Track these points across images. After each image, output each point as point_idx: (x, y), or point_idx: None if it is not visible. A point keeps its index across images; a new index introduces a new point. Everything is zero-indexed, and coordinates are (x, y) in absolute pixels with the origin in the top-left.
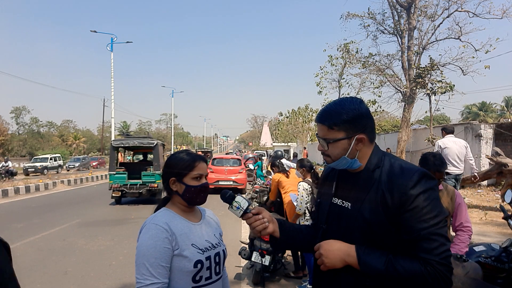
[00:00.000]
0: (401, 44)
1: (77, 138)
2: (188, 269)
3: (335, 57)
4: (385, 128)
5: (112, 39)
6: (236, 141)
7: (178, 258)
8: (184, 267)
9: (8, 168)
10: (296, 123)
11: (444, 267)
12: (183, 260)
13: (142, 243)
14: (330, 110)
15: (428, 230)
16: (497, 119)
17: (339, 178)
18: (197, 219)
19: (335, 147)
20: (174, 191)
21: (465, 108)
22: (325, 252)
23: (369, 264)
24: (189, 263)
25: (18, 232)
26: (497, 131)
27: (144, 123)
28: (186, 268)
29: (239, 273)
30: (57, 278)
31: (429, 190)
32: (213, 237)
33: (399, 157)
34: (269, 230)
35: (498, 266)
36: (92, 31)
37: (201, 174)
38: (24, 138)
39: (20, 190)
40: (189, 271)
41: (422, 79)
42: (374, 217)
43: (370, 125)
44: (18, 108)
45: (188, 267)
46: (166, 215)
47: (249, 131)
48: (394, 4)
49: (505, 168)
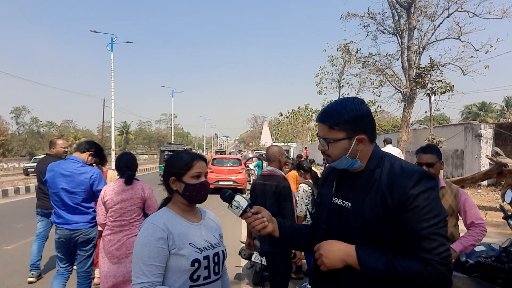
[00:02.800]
0: (401, 44)
1: (77, 138)
2: (185, 267)
3: (335, 57)
4: (385, 128)
5: (112, 39)
6: (236, 141)
7: (175, 257)
8: (181, 265)
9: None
10: (296, 123)
11: (444, 267)
12: (180, 258)
13: (138, 241)
14: (331, 110)
15: (428, 230)
16: (497, 119)
17: (340, 178)
18: (196, 220)
19: (335, 147)
20: (175, 190)
21: (465, 108)
22: (325, 252)
23: (369, 264)
24: (186, 262)
25: (18, 232)
26: (497, 131)
27: (144, 123)
28: (183, 267)
29: (239, 273)
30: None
31: (429, 190)
32: (212, 238)
33: (399, 158)
34: (268, 229)
35: (498, 266)
36: (92, 31)
37: (200, 172)
38: (24, 138)
39: (20, 190)
40: (186, 269)
41: (422, 79)
42: (374, 217)
43: (371, 125)
44: (18, 108)
45: (185, 266)
46: (165, 215)
47: (249, 131)
48: (394, 4)
49: (505, 168)
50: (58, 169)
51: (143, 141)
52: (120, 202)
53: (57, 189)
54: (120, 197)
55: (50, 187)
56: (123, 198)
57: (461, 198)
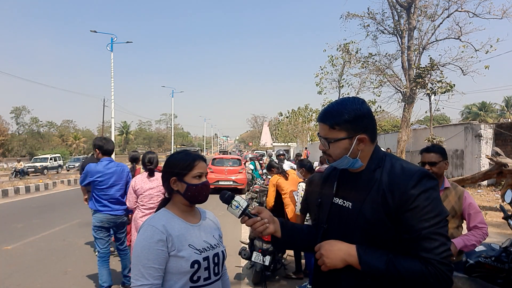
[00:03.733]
0: (401, 44)
1: (77, 138)
2: (185, 269)
3: (335, 57)
4: (385, 128)
5: (112, 39)
6: (236, 141)
7: (174, 259)
8: (181, 267)
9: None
10: (296, 123)
11: (445, 267)
12: (179, 260)
13: (138, 244)
14: (332, 110)
15: (429, 229)
16: (497, 119)
17: (340, 178)
18: (196, 220)
19: (336, 147)
20: (175, 191)
21: (465, 108)
22: (326, 252)
23: (370, 263)
24: (186, 263)
25: (18, 232)
26: (497, 131)
27: (144, 123)
28: (183, 268)
29: (239, 273)
30: (57, 278)
31: (430, 190)
32: (212, 238)
33: (399, 157)
34: (269, 230)
35: (498, 266)
36: (92, 31)
37: (201, 172)
38: (24, 138)
39: (20, 190)
40: (186, 271)
41: (422, 79)
42: (375, 217)
43: (372, 125)
44: (18, 108)
45: (184, 267)
46: (164, 217)
47: (249, 131)
48: (394, 4)
49: (505, 168)
50: (105, 169)
51: (143, 141)
52: (148, 189)
53: (108, 185)
54: (148, 185)
55: (102, 185)
56: (150, 186)
57: (465, 201)
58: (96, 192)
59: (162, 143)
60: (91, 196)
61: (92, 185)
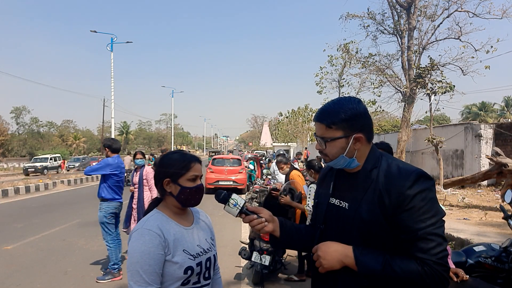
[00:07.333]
0: (401, 44)
1: (77, 138)
2: (178, 275)
3: (335, 57)
4: (385, 128)
5: (112, 39)
6: (236, 141)
7: (169, 264)
8: (174, 273)
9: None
10: (296, 123)
11: (441, 267)
12: (173, 266)
13: (136, 249)
14: (328, 109)
15: (425, 230)
16: (497, 119)
17: (337, 178)
18: (189, 223)
19: (332, 146)
20: (168, 192)
21: (465, 108)
22: (323, 254)
23: (366, 264)
24: (180, 269)
25: (18, 232)
26: (497, 131)
27: (144, 123)
28: (176, 274)
29: (239, 273)
30: (57, 278)
31: (426, 190)
32: (205, 242)
33: (396, 158)
34: (268, 229)
35: (498, 266)
36: (92, 31)
37: (196, 175)
38: (24, 138)
39: (20, 190)
40: (179, 277)
41: (422, 79)
42: (372, 217)
43: (368, 124)
44: (18, 108)
45: (178, 273)
46: (158, 219)
47: (249, 131)
48: (394, 4)
49: (505, 168)
50: (120, 163)
51: (143, 141)
52: None
53: (121, 177)
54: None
55: (118, 177)
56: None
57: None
58: (113, 183)
59: (162, 143)
60: (105, 186)
61: (110, 176)
